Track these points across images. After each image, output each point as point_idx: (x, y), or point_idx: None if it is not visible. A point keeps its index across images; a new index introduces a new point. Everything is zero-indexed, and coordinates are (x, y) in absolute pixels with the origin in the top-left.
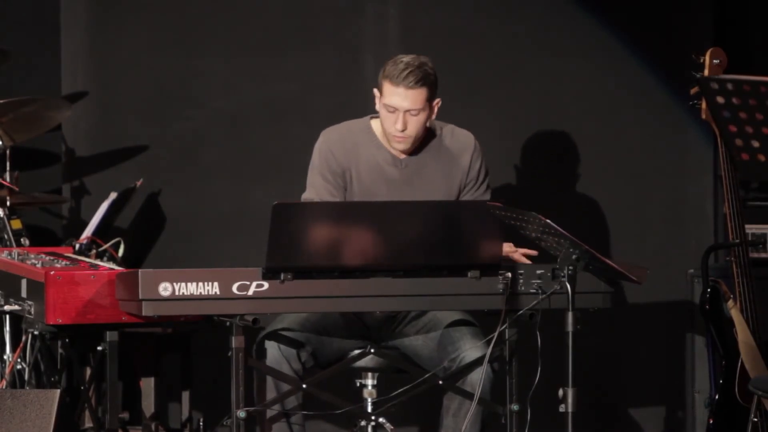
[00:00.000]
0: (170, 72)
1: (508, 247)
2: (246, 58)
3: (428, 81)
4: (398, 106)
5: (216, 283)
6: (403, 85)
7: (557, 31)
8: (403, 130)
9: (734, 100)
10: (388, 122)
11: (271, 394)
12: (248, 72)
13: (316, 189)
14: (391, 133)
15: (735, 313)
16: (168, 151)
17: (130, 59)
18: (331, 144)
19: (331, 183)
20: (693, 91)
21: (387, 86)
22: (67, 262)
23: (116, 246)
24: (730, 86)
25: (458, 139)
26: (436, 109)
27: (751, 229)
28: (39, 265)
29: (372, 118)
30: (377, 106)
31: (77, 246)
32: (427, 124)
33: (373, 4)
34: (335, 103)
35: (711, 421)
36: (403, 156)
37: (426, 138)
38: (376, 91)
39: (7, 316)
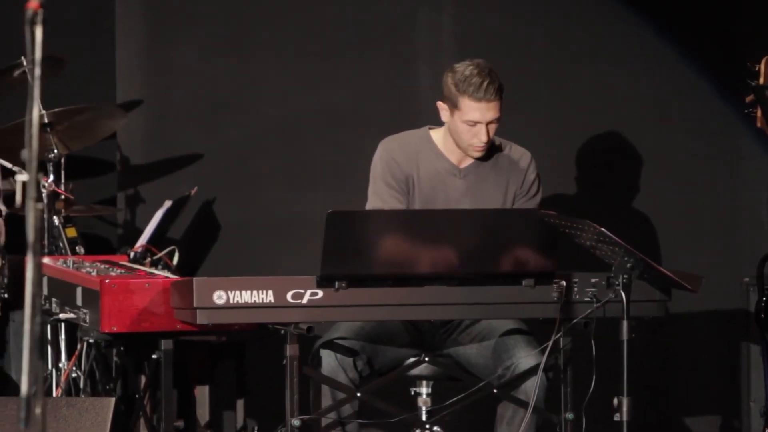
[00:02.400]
0: (224, 80)
1: None
2: (300, 66)
3: (502, 88)
4: (482, 119)
5: (270, 291)
6: (485, 99)
7: (611, 38)
8: (486, 141)
9: None
10: (468, 135)
11: (326, 402)
12: (302, 80)
13: (381, 197)
14: (472, 145)
15: None
16: (222, 159)
17: (184, 67)
18: (392, 152)
19: (396, 189)
20: (748, 99)
21: (467, 102)
22: (122, 271)
23: (171, 254)
24: None
25: (516, 153)
26: None
27: None
28: (94, 274)
29: (430, 128)
30: (444, 118)
31: (132, 254)
32: None
33: (426, 12)
34: (389, 112)
35: (767, 431)
36: (463, 166)
37: (488, 147)
38: (441, 104)
39: (63, 325)
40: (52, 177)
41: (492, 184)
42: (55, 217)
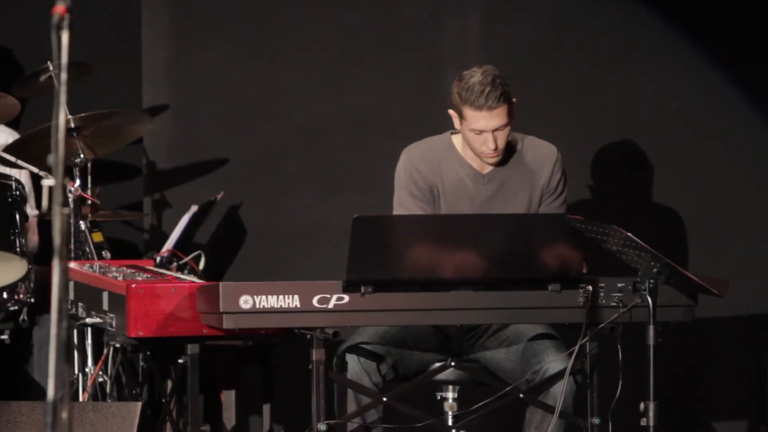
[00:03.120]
0: (250, 85)
1: None
2: (326, 70)
3: (506, 95)
4: (485, 128)
5: (296, 296)
6: (486, 107)
7: (638, 43)
8: (495, 148)
9: None
10: (477, 143)
11: (351, 407)
12: (328, 85)
13: (406, 207)
14: (482, 153)
15: None
16: (248, 164)
17: (210, 72)
18: (415, 161)
19: (420, 198)
20: None
21: (469, 112)
22: (149, 275)
23: (197, 259)
24: None
25: (540, 151)
26: (514, 111)
27: None
28: (120, 278)
29: (452, 133)
30: (457, 126)
31: (158, 259)
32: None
33: (453, 17)
34: (415, 117)
35: None
36: (486, 171)
37: (509, 149)
38: (452, 113)
39: (89, 329)
40: (78, 182)
41: (516, 188)
42: (81, 222)
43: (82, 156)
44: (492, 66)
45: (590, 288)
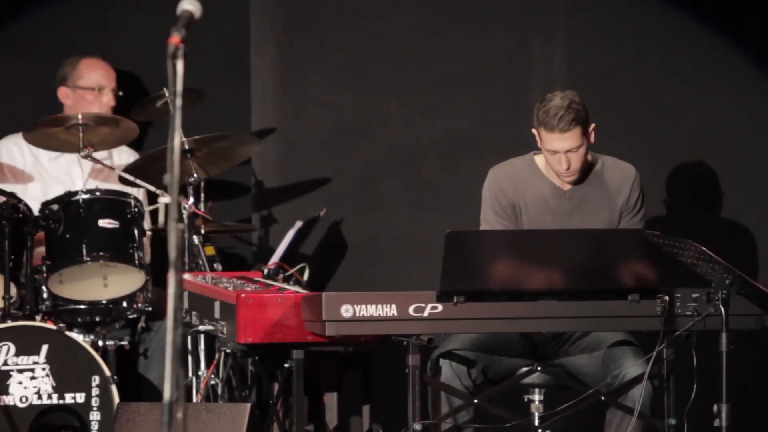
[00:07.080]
0: (351, 109)
1: None
2: (421, 96)
3: (580, 119)
4: (558, 149)
5: (394, 306)
6: (558, 129)
7: (718, 70)
8: (568, 168)
9: None
10: (553, 162)
11: (444, 408)
12: (423, 109)
13: (490, 223)
14: (558, 171)
15: None
16: (350, 183)
17: (314, 97)
18: (499, 181)
19: (503, 216)
20: None
21: (543, 133)
22: (257, 286)
23: (302, 271)
24: None
25: (620, 171)
26: (593, 135)
27: None
28: (231, 289)
29: (535, 153)
30: (539, 145)
31: (266, 271)
32: (588, 156)
33: (539, 46)
34: (504, 139)
35: None
36: (567, 187)
37: (588, 168)
38: (535, 131)
39: (202, 336)
40: (192, 199)
41: (595, 205)
42: (194, 237)
43: (195, 175)
44: (573, 91)
45: (667, 298)
